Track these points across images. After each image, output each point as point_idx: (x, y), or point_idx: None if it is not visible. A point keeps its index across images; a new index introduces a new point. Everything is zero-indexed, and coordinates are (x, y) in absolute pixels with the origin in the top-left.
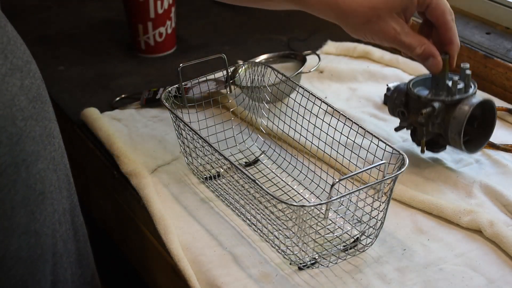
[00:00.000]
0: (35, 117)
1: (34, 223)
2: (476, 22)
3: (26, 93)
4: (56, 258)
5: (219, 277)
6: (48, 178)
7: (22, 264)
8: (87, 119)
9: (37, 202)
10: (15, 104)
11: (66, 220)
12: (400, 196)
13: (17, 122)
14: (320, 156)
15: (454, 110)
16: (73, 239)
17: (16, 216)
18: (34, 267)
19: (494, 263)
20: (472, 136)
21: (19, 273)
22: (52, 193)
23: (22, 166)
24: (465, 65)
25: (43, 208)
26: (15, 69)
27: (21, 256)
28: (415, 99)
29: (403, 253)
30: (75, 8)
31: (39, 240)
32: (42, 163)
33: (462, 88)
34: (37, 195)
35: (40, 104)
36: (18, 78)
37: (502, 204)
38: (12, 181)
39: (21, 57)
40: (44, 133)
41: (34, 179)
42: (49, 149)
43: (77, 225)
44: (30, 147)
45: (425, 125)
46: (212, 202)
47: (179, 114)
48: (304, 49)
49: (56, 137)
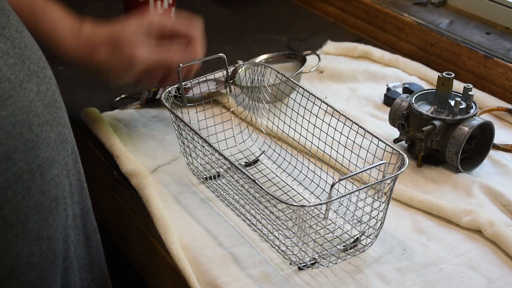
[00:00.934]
0: (50, 123)
1: (47, 229)
2: (476, 22)
3: (42, 98)
4: (67, 263)
5: (219, 277)
6: (62, 183)
7: (33, 270)
8: (87, 119)
9: (50, 208)
10: (32, 110)
11: (76, 225)
12: (400, 196)
13: (33, 128)
14: (320, 156)
15: (454, 130)
16: (84, 244)
17: (29, 222)
18: (46, 273)
19: (494, 263)
20: (469, 154)
21: (30, 278)
22: (65, 199)
23: (37, 172)
24: (468, 86)
25: (56, 214)
26: (32, 75)
27: (32, 262)
28: (416, 115)
29: (403, 253)
30: (75, 8)
31: (52, 246)
32: (56, 169)
33: (464, 108)
34: (51, 201)
35: (55, 110)
36: (35, 84)
37: (502, 204)
38: (27, 187)
39: (38, 62)
40: (58, 139)
41: (48, 185)
42: (63, 154)
43: (89, 231)
44: (45, 153)
45: (424, 141)
46: (212, 202)
47: (179, 114)
48: (304, 49)
49: (70, 143)
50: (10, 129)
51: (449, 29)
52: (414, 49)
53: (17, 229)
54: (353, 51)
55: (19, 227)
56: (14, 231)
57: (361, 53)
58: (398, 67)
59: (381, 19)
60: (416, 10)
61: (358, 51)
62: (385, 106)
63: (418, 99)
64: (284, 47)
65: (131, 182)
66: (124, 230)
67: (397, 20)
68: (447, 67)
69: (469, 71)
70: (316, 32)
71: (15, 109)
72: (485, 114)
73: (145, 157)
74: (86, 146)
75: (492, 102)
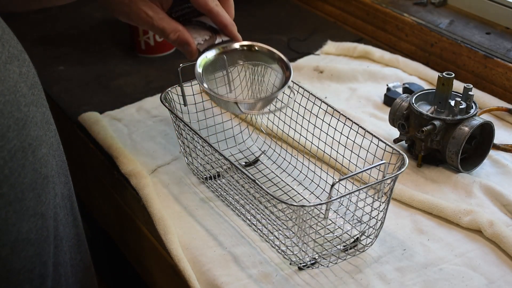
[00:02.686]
0: (35, 103)
1: (40, 206)
2: (476, 22)
3: (25, 80)
4: (57, 241)
5: (219, 277)
6: (50, 162)
7: (31, 246)
8: (85, 123)
9: (42, 185)
10: (18, 90)
11: (65, 205)
12: (400, 196)
13: (22, 107)
14: (320, 156)
15: (454, 130)
16: (72, 225)
17: (26, 199)
18: (42, 249)
19: (494, 263)
20: (469, 154)
21: (29, 254)
22: (53, 177)
23: (29, 150)
24: (468, 86)
25: (47, 191)
26: (13, 57)
27: (30, 238)
28: (416, 115)
29: (403, 253)
30: (75, 8)
31: (45, 222)
32: (44, 148)
33: (464, 108)
34: (42, 178)
35: (37, 91)
36: (17, 66)
37: (502, 204)
38: (21, 165)
39: (16, 46)
40: (43, 119)
41: (40, 163)
42: (48, 134)
43: (75, 211)
44: (34, 132)
45: (424, 141)
46: (212, 202)
47: (179, 114)
48: (304, 49)
49: (52, 124)
50: (1, 108)
51: (449, 29)
52: (414, 49)
53: (16, 206)
54: (353, 51)
55: (17, 204)
56: (13, 208)
57: (361, 53)
58: (398, 67)
59: (381, 19)
60: (416, 10)
61: (358, 51)
62: (385, 106)
63: (418, 99)
64: (284, 47)
65: (131, 182)
66: (124, 230)
67: (397, 20)
68: (447, 67)
69: (469, 71)
70: (316, 32)
71: (3, 89)
72: (485, 114)
73: (145, 157)
74: (86, 146)
75: (492, 102)
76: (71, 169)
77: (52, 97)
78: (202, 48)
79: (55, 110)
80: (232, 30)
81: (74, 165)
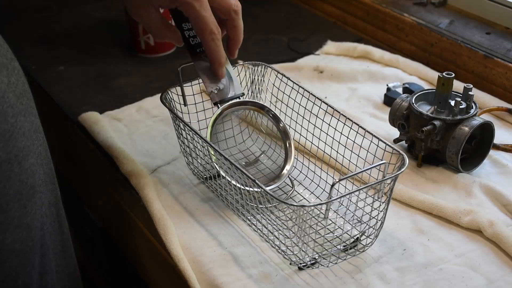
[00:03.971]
0: (23, 113)
1: (26, 217)
2: (476, 22)
3: (13, 90)
4: (44, 250)
5: (219, 277)
6: (37, 172)
7: (16, 256)
8: (85, 123)
9: (28, 196)
10: (5, 101)
11: (51, 212)
12: (400, 196)
13: (9, 118)
14: (320, 156)
15: (454, 130)
16: (58, 231)
17: (10, 210)
18: (26, 259)
19: (494, 263)
20: (469, 154)
21: (13, 265)
22: (41, 187)
23: (15, 161)
24: (468, 86)
25: (33, 201)
26: (1, 67)
27: (15, 249)
28: (416, 115)
29: (403, 253)
30: (75, 8)
31: (30, 233)
32: (32, 158)
33: (464, 108)
34: (29, 189)
35: (26, 100)
36: (5, 76)
37: (502, 204)
38: (7, 176)
39: (5, 55)
40: (32, 129)
41: (26, 174)
42: (36, 144)
43: (61, 218)
44: (21, 143)
45: (424, 141)
46: (212, 202)
47: (179, 114)
48: (304, 49)
49: (41, 132)
50: None
51: (449, 29)
52: (414, 49)
53: (1, 217)
54: (353, 51)
55: (2, 215)
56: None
57: (361, 53)
58: (398, 67)
59: (381, 19)
60: (416, 10)
61: (358, 51)
62: (385, 106)
63: (418, 99)
64: (284, 47)
65: (131, 182)
66: (124, 230)
67: (397, 20)
68: (447, 67)
69: (469, 71)
70: (316, 32)
71: None
72: (485, 114)
73: (145, 157)
74: (86, 146)
75: (492, 102)
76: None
77: (52, 97)
78: (214, 100)
79: (55, 110)
80: (217, 70)
81: (74, 165)
